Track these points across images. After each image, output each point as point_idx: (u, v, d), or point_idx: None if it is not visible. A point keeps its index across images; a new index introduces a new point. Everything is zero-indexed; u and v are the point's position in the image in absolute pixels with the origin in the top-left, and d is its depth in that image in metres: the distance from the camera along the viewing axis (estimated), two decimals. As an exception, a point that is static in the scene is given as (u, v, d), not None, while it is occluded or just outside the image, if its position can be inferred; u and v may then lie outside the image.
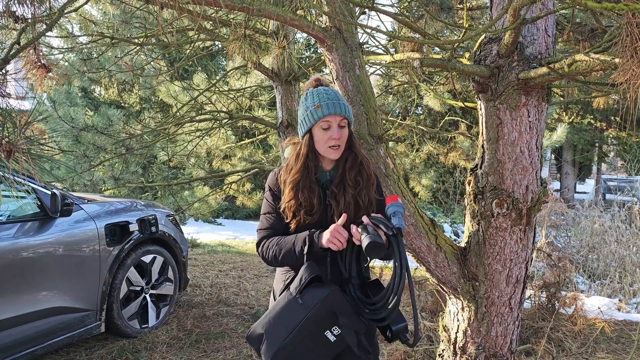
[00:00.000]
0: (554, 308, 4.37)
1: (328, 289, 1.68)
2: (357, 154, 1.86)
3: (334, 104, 1.78)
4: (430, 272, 2.49)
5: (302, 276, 1.72)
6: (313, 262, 1.74)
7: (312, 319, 1.65)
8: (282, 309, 1.72)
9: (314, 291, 1.68)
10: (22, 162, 1.57)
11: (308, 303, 1.67)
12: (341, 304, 1.67)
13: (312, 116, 1.80)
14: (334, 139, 1.78)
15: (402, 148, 7.28)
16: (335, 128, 1.79)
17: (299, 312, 1.67)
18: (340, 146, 1.81)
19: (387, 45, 4.52)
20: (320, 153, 1.84)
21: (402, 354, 3.46)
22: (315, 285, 1.70)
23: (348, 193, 1.80)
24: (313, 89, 1.87)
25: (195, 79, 6.62)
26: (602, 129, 15.84)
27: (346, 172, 1.83)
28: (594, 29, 2.90)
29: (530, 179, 2.29)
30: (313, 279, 1.70)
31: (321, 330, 1.67)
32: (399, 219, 1.67)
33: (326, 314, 1.66)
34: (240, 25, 2.75)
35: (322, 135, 1.80)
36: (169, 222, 4.44)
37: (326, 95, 1.81)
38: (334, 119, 1.78)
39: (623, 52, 1.44)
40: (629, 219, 7.92)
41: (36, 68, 1.93)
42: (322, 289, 1.68)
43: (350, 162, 1.84)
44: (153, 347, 3.81)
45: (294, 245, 1.75)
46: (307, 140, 1.83)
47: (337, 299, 1.67)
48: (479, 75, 2.24)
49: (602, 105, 3.15)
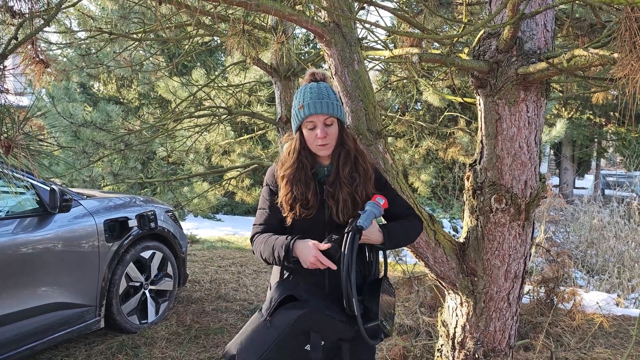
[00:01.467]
0: (553, 303, 4.39)
1: (300, 309, 1.64)
2: (350, 150, 1.84)
3: (315, 103, 1.76)
4: (429, 268, 2.49)
5: (272, 297, 1.70)
6: (285, 281, 1.73)
7: (284, 341, 1.63)
8: (253, 332, 1.69)
9: (285, 313, 1.65)
10: (20, 158, 1.57)
11: (279, 325, 1.64)
12: (317, 322, 1.65)
13: (297, 116, 1.81)
14: (319, 139, 1.78)
15: (401, 143, 7.27)
16: (321, 127, 1.77)
17: (269, 334, 1.64)
18: (329, 144, 1.81)
19: (386, 40, 4.51)
20: (312, 150, 1.84)
21: (401, 349, 3.47)
22: (287, 306, 1.67)
23: (344, 190, 1.80)
24: (304, 85, 1.86)
25: (194, 75, 6.61)
26: (601, 124, 15.85)
27: (340, 169, 1.82)
28: (593, 24, 2.90)
29: (529, 174, 2.29)
30: (284, 299, 1.67)
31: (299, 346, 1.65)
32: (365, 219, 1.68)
33: (298, 334, 1.64)
34: (239, 21, 2.74)
35: (309, 135, 1.81)
36: (168, 218, 4.44)
37: (310, 94, 1.78)
38: (318, 119, 1.77)
39: (622, 47, 1.44)
40: (627, 215, 7.93)
41: (34, 63, 1.93)
42: (293, 310, 1.65)
43: (343, 158, 1.83)
44: (152, 342, 3.81)
45: (273, 250, 1.75)
46: (299, 138, 1.84)
47: (312, 318, 1.64)
48: (477, 70, 2.23)
49: (601, 100, 3.15)
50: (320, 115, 1.77)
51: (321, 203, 1.82)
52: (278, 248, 1.73)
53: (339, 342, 1.71)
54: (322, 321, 1.65)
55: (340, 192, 1.80)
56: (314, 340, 1.64)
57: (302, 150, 1.84)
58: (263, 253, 1.81)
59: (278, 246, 1.73)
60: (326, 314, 1.66)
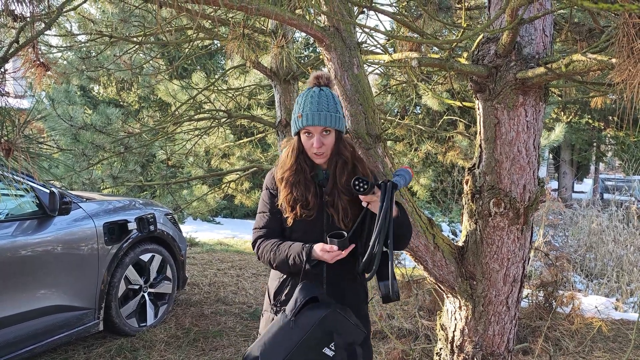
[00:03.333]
0: (552, 307, 4.39)
1: (325, 310, 1.67)
2: (347, 160, 1.85)
3: (313, 115, 1.76)
4: (427, 271, 2.50)
5: (297, 298, 1.72)
6: (308, 283, 1.75)
7: (309, 341, 1.65)
8: (277, 332, 1.71)
9: (309, 313, 1.68)
10: (21, 160, 1.58)
11: (304, 325, 1.66)
12: (339, 323, 1.68)
13: (295, 124, 1.83)
14: (314, 148, 1.79)
15: (400, 147, 7.28)
16: (317, 138, 1.78)
17: (294, 334, 1.66)
18: (324, 153, 1.82)
19: (385, 44, 4.52)
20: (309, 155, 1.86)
21: (400, 352, 3.47)
22: (311, 306, 1.69)
23: (343, 200, 1.82)
24: (306, 90, 1.86)
25: (194, 78, 6.62)
26: (600, 128, 15.85)
27: (337, 178, 1.83)
28: (592, 29, 2.91)
29: (528, 178, 2.30)
30: (309, 300, 1.70)
31: (319, 347, 1.67)
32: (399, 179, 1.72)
33: (322, 334, 1.65)
34: (239, 24, 2.75)
35: (306, 141, 1.83)
36: (167, 221, 4.44)
37: (311, 104, 1.78)
38: (315, 129, 1.79)
39: (620, 52, 1.45)
40: (626, 219, 7.94)
41: (35, 66, 1.93)
42: (318, 310, 1.68)
43: (340, 168, 1.84)
44: (151, 345, 3.81)
45: (287, 258, 1.77)
46: (297, 142, 1.86)
47: (335, 319, 1.67)
48: (476, 74, 2.24)
49: (600, 105, 3.16)
50: (318, 126, 1.78)
51: (321, 205, 1.83)
52: (294, 255, 1.75)
53: (353, 346, 1.73)
54: (342, 323, 1.69)
55: (339, 201, 1.81)
56: (337, 342, 1.66)
57: (300, 154, 1.85)
58: (273, 261, 1.82)
59: (294, 253, 1.76)
60: (345, 316, 1.70)
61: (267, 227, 1.90)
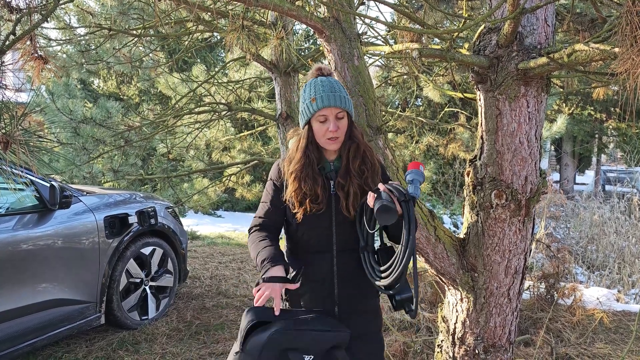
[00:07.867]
0: (553, 299, 4.39)
1: (269, 331, 1.62)
2: (360, 144, 1.84)
3: (328, 96, 1.76)
4: (429, 263, 2.49)
5: (241, 328, 1.69)
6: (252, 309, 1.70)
7: None
8: None
9: (255, 339, 1.64)
10: (19, 154, 1.57)
11: (252, 351, 1.62)
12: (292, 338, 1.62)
13: (308, 109, 1.80)
14: (330, 132, 1.77)
15: (401, 139, 7.26)
16: (332, 120, 1.77)
17: None
18: (339, 137, 1.81)
19: (386, 35, 4.50)
20: (320, 144, 1.84)
21: (402, 344, 3.47)
22: (257, 331, 1.65)
23: (354, 183, 1.81)
24: (313, 79, 1.85)
25: (194, 71, 6.60)
26: (602, 120, 15.81)
27: (350, 162, 1.82)
28: (594, 19, 2.88)
29: (530, 170, 2.29)
30: (252, 326, 1.66)
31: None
32: (415, 188, 1.65)
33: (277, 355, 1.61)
34: (239, 17, 2.73)
35: (319, 128, 1.80)
36: (168, 214, 4.44)
37: (322, 87, 1.78)
38: (330, 112, 1.77)
39: (623, 41, 1.43)
40: (628, 210, 7.93)
41: (33, 59, 1.92)
42: (263, 333, 1.63)
43: (353, 151, 1.83)
44: (153, 338, 3.82)
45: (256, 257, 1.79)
46: (307, 132, 1.83)
47: (284, 337, 1.62)
48: (478, 65, 2.23)
49: (602, 96, 3.15)
50: (333, 108, 1.77)
51: (329, 199, 1.83)
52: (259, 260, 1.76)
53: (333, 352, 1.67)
54: (297, 337, 1.62)
55: (350, 185, 1.81)
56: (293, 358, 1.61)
57: (309, 144, 1.83)
58: (250, 252, 1.86)
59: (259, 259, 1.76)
60: (297, 329, 1.64)
61: (264, 218, 1.91)
